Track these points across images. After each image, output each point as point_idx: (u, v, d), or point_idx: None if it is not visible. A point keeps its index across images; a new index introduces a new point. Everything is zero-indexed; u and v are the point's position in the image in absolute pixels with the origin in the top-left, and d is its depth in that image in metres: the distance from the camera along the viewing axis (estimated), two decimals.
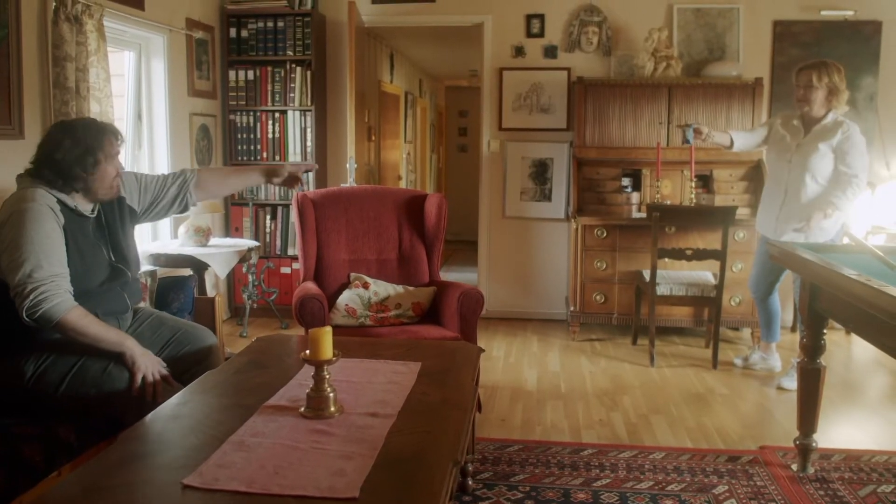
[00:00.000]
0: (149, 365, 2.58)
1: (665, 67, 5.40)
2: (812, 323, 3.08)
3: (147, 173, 3.06)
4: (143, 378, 2.55)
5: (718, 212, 4.74)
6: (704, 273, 4.98)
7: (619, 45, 5.70)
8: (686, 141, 4.51)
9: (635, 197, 5.41)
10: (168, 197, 3.03)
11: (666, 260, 4.87)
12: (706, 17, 5.62)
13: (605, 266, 5.32)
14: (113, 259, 2.76)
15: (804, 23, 5.53)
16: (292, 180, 3.25)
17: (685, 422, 3.78)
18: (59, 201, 2.57)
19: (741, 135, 4.56)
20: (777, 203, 4.29)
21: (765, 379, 4.50)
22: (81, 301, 2.56)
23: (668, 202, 5.28)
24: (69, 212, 2.60)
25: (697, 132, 4.46)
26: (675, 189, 5.42)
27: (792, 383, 4.13)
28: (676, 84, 5.37)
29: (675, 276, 4.90)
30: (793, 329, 5.59)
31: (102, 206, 2.78)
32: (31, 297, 2.38)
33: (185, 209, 3.12)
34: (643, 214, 5.22)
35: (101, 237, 2.74)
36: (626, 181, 5.48)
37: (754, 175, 5.36)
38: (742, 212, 5.18)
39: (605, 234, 5.30)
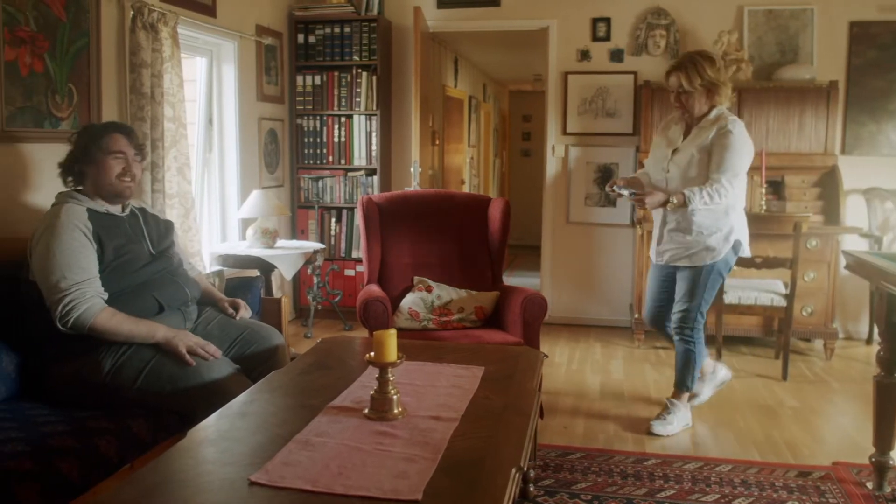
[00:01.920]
0: (185, 339, 2.67)
1: (735, 71, 5.28)
2: (889, 335, 2.97)
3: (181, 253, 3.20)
4: (191, 352, 2.65)
5: (790, 219, 4.60)
6: (775, 282, 4.84)
7: (687, 48, 5.58)
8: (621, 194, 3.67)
9: None
10: None
11: (734, 268, 4.75)
12: (778, 18, 5.47)
13: None
14: (152, 250, 2.90)
15: (883, 23, 5.34)
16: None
17: (753, 434, 3.68)
18: (89, 209, 2.72)
19: (645, 175, 3.86)
20: (658, 222, 3.70)
21: (840, 392, 4.35)
22: (139, 291, 2.71)
23: None
24: (100, 216, 2.75)
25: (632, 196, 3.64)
26: (745, 195, 5.27)
27: (664, 428, 3.64)
28: (747, 88, 5.25)
29: (743, 285, 4.78)
30: (868, 341, 5.40)
31: (140, 213, 2.96)
32: (60, 307, 2.53)
33: None
34: None
35: (138, 231, 2.89)
36: None
37: (828, 181, 5.20)
38: (815, 219, 5.03)
39: None
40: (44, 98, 3.22)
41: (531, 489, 2.92)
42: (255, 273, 4.50)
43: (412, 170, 5.47)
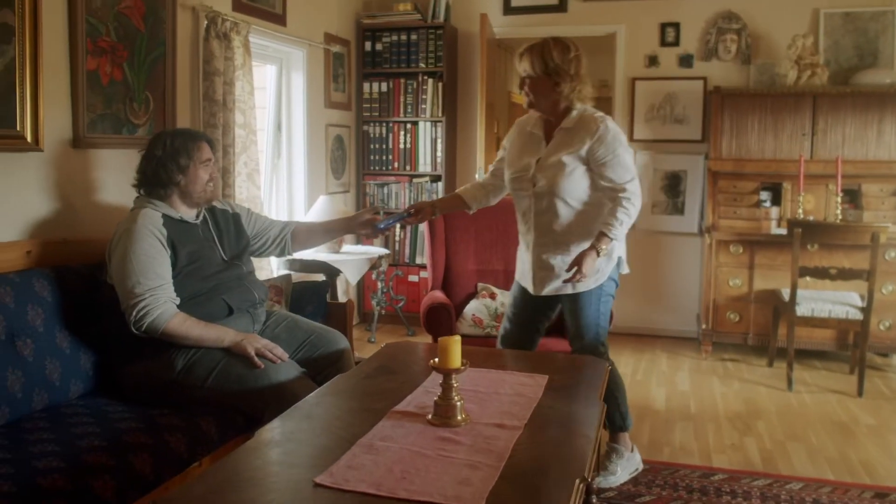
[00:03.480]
0: (253, 342, 2.74)
1: (810, 76, 5.13)
2: None
3: (259, 214, 3.34)
4: (259, 355, 2.71)
5: (867, 229, 4.44)
6: (850, 294, 4.68)
7: (759, 53, 5.46)
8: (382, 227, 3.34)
9: (775, 212, 5.16)
10: (269, 236, 3.25)
11: (807, 279, 4.62)
12: (856, 21, 5.30)
13: (740, 283, 5.10)
14: (224, 257, 2.95)
15: None
16: (369, 224, 3.34)
17: (826, 452, 3.56)
18: (164, 215, 2.78)
19: (473, 188, 3.38)
20: (526, 245, 3.19)
21: None
22: (210, 295, 2.78)
23: (811, 218, 5.00)
24: (175, 222, 2.81)
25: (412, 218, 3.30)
26: (819, 204, 5.12)
27: (606, 480, 3.13)
28: (822, 93, 5.09)
29: (817, 297, 4.63)
30: None
31: (211, 214, 3.01)
32: (135, 312, 2.60)
33: (282, 253, 3.32)
34: (783, 230, 4.97)
35: (210, 238, 2.95)
36: (764, 195, 5.24)
37: None
38: (893, 229, 4.84)
39: (741, 251, 5.08)
40: (122, 105, 3.34)
41: (595, 501, 2.87)
42: (321, 277, 4.57)
43: (477, 176, 5.48)
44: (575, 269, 2.90)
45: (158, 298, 2.63)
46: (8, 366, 2.43)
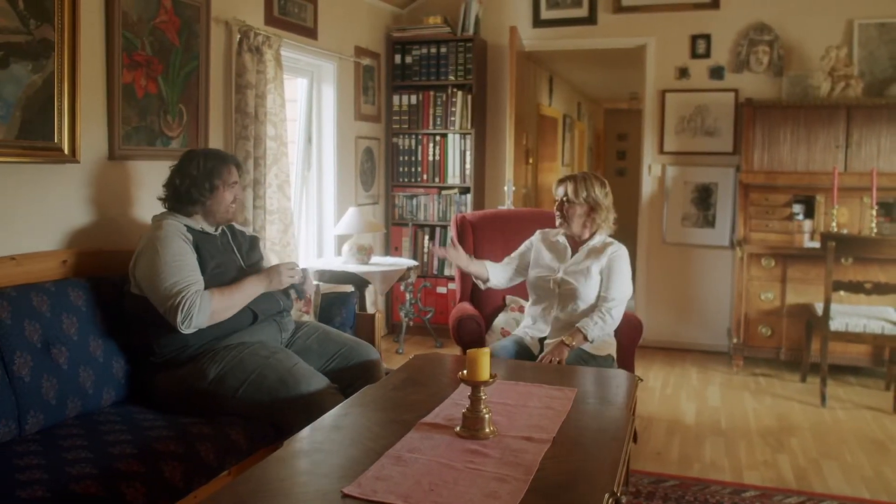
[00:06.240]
0: (276, 278, 2.92)
1: (843, 87, 5.07)
2: None
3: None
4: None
5: None
6: (885, 308, 4.60)
7: (791, 65, 5.40)
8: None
9: (807, 225, 5.09)
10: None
11: (841, 293, 4.54)
12: (892, 32, 5.22)
13: (772, 297, 5.03)
14: (244, 266, 3.00)
15: None
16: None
17: (861, 470, 3.49)
18: (186, 226, 2.84)
19: (496, 268, 3.61)
20: (537, 325, 3.49)
21: None
22: None
23: (846, 231, 4.93)
24: (196, 232, 2.86)
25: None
26: (854, 217, 5.05)
27: None
28: (856, 105, 5.02)
29: (851, 311, 4.55)
30: None
31: (230, 229, 3.07)
32: (180, 311, 2.62)
33: None
34: (816, 244, 4.90)
35: (229, 248, 3.00)
36: (797, 208, 5.17)
37: None
38: None
39: (773, 264, 5.02)
40: (156, 118, 3.39)
41: None
42: (350, 289, 4.59)
43: (505, 188, 5.48)
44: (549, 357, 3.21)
45: (194, 290, 2.67)
46: (43, 373, 2.48)
